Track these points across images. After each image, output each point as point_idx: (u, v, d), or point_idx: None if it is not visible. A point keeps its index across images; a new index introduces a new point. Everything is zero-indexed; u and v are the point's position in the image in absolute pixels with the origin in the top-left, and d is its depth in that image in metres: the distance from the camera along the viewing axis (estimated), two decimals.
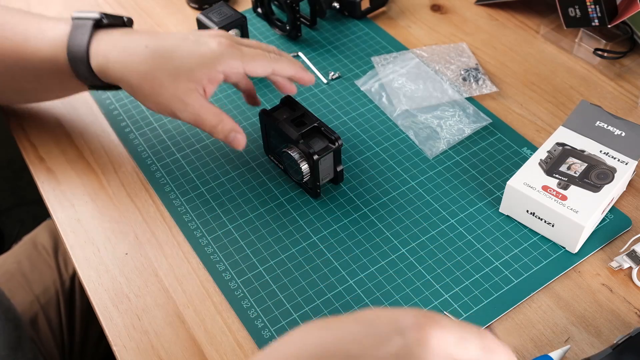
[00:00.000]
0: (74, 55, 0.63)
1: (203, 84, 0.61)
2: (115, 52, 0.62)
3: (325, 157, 0.64)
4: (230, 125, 0.62)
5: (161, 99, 0.61)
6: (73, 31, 0.63)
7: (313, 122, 0.65)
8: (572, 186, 0.62)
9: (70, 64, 0.64)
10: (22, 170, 0.95)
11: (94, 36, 0.63)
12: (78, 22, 0.63)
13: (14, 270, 0.86)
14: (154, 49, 0.62)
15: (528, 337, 0.57)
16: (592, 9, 0.78)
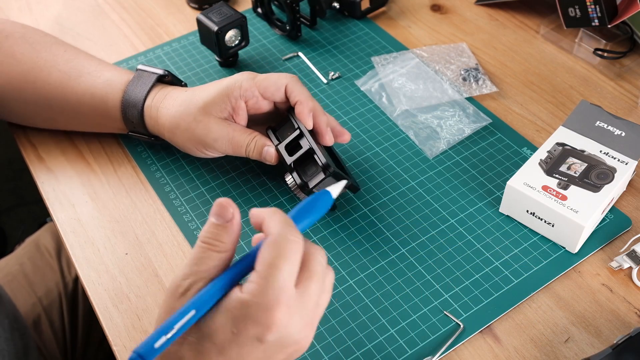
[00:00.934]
0: (130, 99, 0.67)
1: (228, 112, 0.64)
2: (164, 102, 0.66)
3: (321, 184, 0.62)
4: (262, 140, 0.64)
5: (195, 135, 0.64)
6: (136, 78, 0.68)
7: (306, 146, 0.62)
8: (572, 186, 0.62)
9: (122, 107, 0.67)
10: (22, 170, 0.95)
11: (154, 87, 0.68)
12: (143, 73, 0.68)
13: (17, 272, 0.86)
14: (187, 94, 0.66)
15: (528, 337, 0.57)
16: (592, 9, 0.78)
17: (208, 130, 0.64)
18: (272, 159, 0.63)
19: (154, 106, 0.66)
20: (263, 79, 0.64)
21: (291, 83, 0.64)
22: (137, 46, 0.88)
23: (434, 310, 0.59)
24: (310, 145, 0.62)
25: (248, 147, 0.63)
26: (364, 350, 0.56)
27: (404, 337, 0.57)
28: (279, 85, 0.64)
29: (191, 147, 0.66)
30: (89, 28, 0.91)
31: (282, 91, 0.64)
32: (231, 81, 0.64)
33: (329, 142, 0.64)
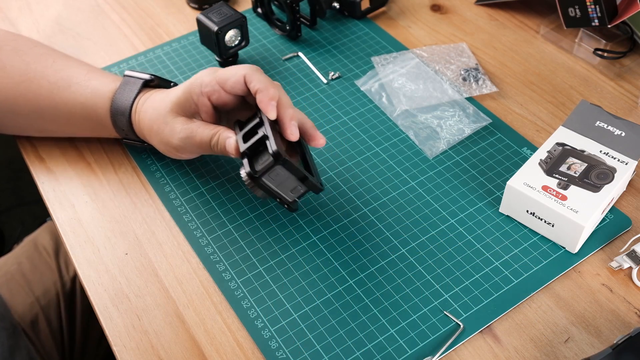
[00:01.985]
0: (118, 107, 0.67)
1: (193, 109, 0.63)
2: (144, 107, 0.66)
3: (275, 174, 0.57)
4: (225, 133, 0.61)
5: (164, 138, 0.64)
6: (123, 86, 0.67)
7: (261, 133, 0.58)
8: (572, 186, 0.62)
9: (112, 116, 0.67)
10: (22, 170, 0.95)
11: (140, 93, 0.67)
12: (129, 79, 0.68)
13: (15, 272, 0.86)
14: (162, 96, 0.65)
15: (528, 337, 0.57)
16: (592, 9, 0.78)
17: (174, 132, 0.63)
18: (232, 150, 0.60)
19: (138, 112, 0.66)
20: (222, 72, 0.62)
21: (249, 73, 0.61)
22: (137, 46, 0.88)
23: (434, 310, 0.59)
24: (265, 133, 0.58)
25: (212, 142, 0.62)
26: (364, 350, 0.56)
27: (404, 337, 0.57)
28: (238, 77, 0.61)
29: (165, 150, 0.66)
30: (89, 28, 0.91)
31: (242, 82, 0.61)
32: (193, 79, 0.63)
33: (291, 137, 0.60)
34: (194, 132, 0.62)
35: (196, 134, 0.62)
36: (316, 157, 0.72)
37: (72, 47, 0.88)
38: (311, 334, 0.57)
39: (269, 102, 0.59)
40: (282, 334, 0.57)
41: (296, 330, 0.58)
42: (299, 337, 0.57)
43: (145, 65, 0.84)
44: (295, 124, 0.60)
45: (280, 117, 0.60)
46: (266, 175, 0.57)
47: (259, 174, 0.57)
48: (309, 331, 0.58)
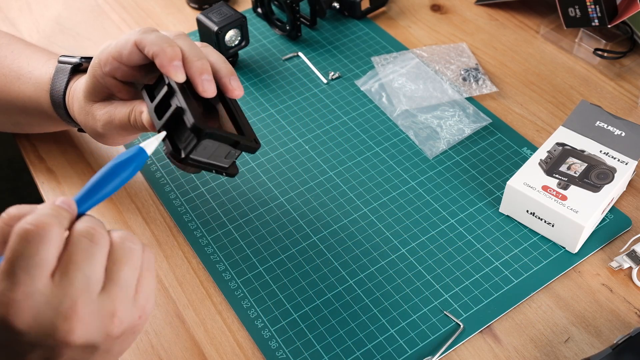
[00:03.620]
0: (54, 99, 0.62)
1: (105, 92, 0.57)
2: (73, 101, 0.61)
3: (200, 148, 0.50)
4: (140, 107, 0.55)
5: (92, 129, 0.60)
6: (55, 75, 0.62)
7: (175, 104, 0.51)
8: (572, 186, 0.62)
9: (54, 108, 0.64)
10: (22, 170, 0.95)
11: (72, 81, 0.62)
12: (60, 67, 0.62)
13: None
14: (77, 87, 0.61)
15: (528, 337, 0.57)
16: (592, 9, 0.78)
17: (95, 119, 0.58)
18: (147, 126, 0.54)
19: (70, 107, 0.62)
20: (114, 45, 0.54)
21: (139, 38, 0.52)
22: None
23: (434, 310, 0.59)
24: (178, 104, 0.50)
25: (131, 121, 0.55)
26: (364, 350, 0.56)
27: (404, 337, 0.57)
28: (130, 47, 0.53)
29: (100, 141, 0.61)
30: (89, 28, 0.91)
31: (136, 51, 0.53)
32: (93, 61, 0.56)
33: (205, 94, 0.52)
34: (112, 115, 0.56)
35: (115, 117, 0.56)
36: (316, 156, 0.72)
37: (72, 47, 0.88)
38: (311, 334, 0.57)
39: (170, 64, 0.51)
40: (282, 334, 0.57)
41: (296, 330, 0.58)
42: (299, 337, 0.57)
43: None
44: (209, 78, 0.52)
45: (189, 75, 0.51)
46: (193, 153, 0.50)
47: (185, 154, 0.50)
48: (309, 331, 0.58)
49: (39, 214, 0.39)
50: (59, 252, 0.38)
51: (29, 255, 0.37)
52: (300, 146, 0.73)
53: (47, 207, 0.40)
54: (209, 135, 0.49)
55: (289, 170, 0.71)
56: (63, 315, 0.37)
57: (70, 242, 0.39)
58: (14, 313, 0.36)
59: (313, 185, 0.69)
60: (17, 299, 0.36)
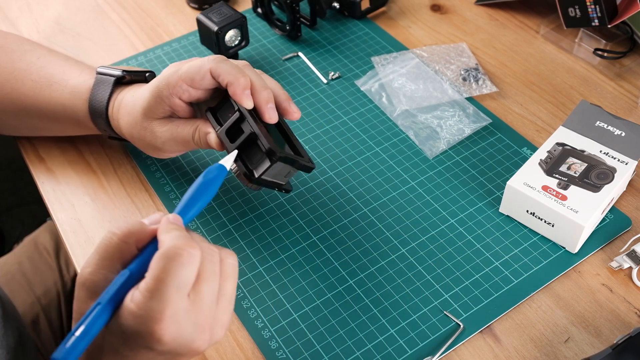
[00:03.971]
0: (94, 109, 0.65)
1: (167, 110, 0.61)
2: (120, 113, 0.64)
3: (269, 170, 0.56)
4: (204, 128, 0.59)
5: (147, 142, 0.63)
6: (96, 86, 0.65)
7: (248, 130, 0.57)
8: (572, 186, 0.62)
9: (91, 117, 0.66)
10: (22, 170, 0.95)
11: (114, 93, 0.65)
12: (101, 78, 0.65)
13: (15, 271, 0.85)
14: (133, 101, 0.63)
15: (528, 337, 0.57)
16: (592, 9, 0.78)
17: (154, 136, 0.62)
18: (214, 145, 0.58)
19: (114, 117, 0.65)
20: (186, 70, 0.59)
21: (214, 66, 0.58)
22: (137, 46, 0.88)
23: (434, 310, 0.59)
24: (252, 130, 0.56)
25: (194, 139, 0.60)
26: (364, 350, 0.56)
27: (404, 337, 0.57)
28: (203, 73, 0.58)
29: (153, 153, 0.65)
30: (89, 28, 0.91)
31: (209, 77, 0.58)
32: (159, 81, 0.60)
33: (270, 121, 0.58)
34: (174, 133, 0.61)
35: (177, 134, 0.60)
36: (316, 157, 0.72)
37: (72, 47, 0.88)
38: (311, 334, 0.57)
39: (242, 93, 0.57)
40: (282, 334, 0.57)
41: (296, 330, 0.58)
42: (299, 337, 0.57)
43: (146, 65, 0.84)
44: (273, 107, 0.58)
45: (257, 103, 0.58)
46: (264, 174, 0.56)
47: (257, 175, 0.56)
48: (309, 331, 0.58)
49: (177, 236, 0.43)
50: (198, 271, 0.43)
51: (178, 277, 0.41)
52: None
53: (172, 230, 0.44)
54: (281, 158, 0.55)
55: None
56: (200, 329, 0.42)
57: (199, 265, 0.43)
58: (164, 328, 0.40)
59: (313, 185, 0.69)
60: (167, 315, 0.40)
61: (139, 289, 0.41)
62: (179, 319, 0.41)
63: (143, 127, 0.62)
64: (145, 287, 0.41)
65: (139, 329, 0.41)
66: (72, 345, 0.40)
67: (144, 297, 0.41)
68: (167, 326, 0.41)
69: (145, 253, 0.44)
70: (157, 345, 0.41)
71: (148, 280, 0.41)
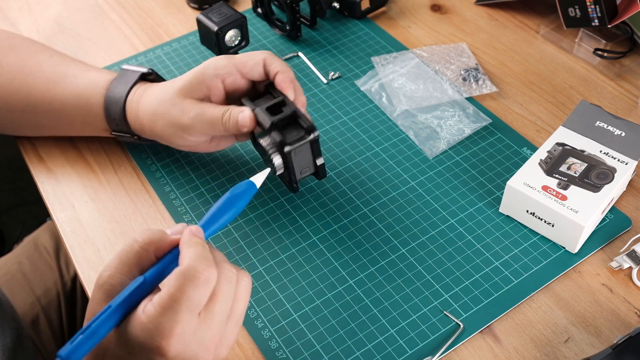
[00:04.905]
0: (112, 96, 0.66)
1: (204, 92, 0.63)
2: (144, 96, 0.66)
3: (300, 149, 0.59)
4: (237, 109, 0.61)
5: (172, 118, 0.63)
6: (119, 77, 0.67)
7: (290, 110, 0.60)
8: (572, 186, 0.62)
9: (105, 105, 0.67)
10: (22, 170, 0.95)
11: (137, 85, 0.67)
12: (127, 72, 0.68)
13: (15, 271, 0.86)
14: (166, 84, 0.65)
15: (528, 337, 0.57)
16: (592, 9, 0.78)
17: (183, 111, 0.62)
18: (246, 122, 0.60)
19: (135, 101, 0.66)
20: (239, 56, 0.63)
21: (269, 57, 0.62)
22: (137, 46, 0.88)
23: (434, 310, 0.59)
24: (294, 109, 0.60)
25: (224, 119, 0.61)
26: (364, 350, 0.56)
27: (404, 337, 0.57)
28: (257, 60, 0.62)
29: (171, 133, 0.64)
30: (89, 28, 0.91)
31: (261, 65, 0.62)
32: (205, 63, 0.63)
33: None
34: (204, 110, 0.61)
35: (207, 112, 0.61)
36: None
37: (72, 47, 0.88)
38: (311, 334, 0.57)
39: (290, 84, 0.61)
40: (282, 334, 0.57)
41: (296, 330, 0.58)
42: (299, 337, 0.57)
43: (145, 65, 0.84)
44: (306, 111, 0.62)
45: (296, 102, 0.61)
46: (295, 150, 0.58)
47: (290, 143, 0.58)
48: (309, 331, 0.58)
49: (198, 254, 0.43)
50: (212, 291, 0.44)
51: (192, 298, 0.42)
52: None
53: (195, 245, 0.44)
54: (317, 137, 0.59)
55: None
56: (205, 348, 0.43)
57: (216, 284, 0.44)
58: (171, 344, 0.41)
59: (313, 185, 0.69)
60: (176, 333, 0.41)
61: (152, 302, 0.42)
62: (186, 338, 0.42)
63: (173, 102, 0.63)
64: (159, 302, 0.42)
65: (146, 341, 0.41)
66: (79, 344, 0.41)
67: (156, 311, 0.42)
68: (173, 343, 0.41)
69: (163, 262, 0.45)
70: (161, 359, 0.42)
71: (163, 296, 0.42)
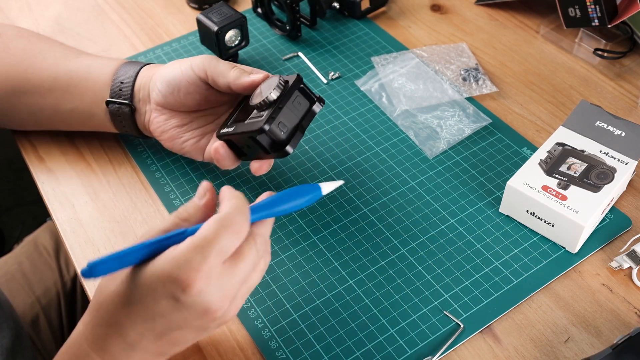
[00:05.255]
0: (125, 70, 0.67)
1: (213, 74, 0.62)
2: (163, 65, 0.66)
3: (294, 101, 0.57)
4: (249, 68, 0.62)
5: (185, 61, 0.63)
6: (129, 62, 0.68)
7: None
8: (572, 186, 0.62)
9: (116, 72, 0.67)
10: (22, 170, 0.95)
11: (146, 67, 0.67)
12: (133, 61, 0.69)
13: (15, 271, 0.86)
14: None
15: (528, 337, 0.57)
16: (592, 9, 0.78)
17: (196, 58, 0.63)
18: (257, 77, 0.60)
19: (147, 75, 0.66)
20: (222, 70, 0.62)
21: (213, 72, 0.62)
22: (137, 46, 0.88)
23: (434, 310, 0.59)
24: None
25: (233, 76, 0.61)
26: (364, 350, 0.56)
27: (404, 337, 0.57)
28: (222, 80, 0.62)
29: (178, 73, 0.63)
30: (89, 28, 0.91)
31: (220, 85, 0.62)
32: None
33: None
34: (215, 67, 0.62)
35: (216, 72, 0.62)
36: (316, 157, 0.72)
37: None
38: (311, 334, 0.57)
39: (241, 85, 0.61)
40: (282, 334, 0.57)
41: (296, 330, 0.58)
42: (299, 337, 0.57)
43: None
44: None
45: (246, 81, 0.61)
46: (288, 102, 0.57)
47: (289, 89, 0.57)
48: (309, 331, 0.58)
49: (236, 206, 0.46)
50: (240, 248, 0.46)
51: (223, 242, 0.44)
52: (300, 146, 0.73)
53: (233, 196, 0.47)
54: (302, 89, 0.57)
55: (289, 171, 0.71)
56: (222, 296, 0.45)
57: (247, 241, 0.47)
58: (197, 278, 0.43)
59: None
60: (204, 269, 0.43)
61: (186, 240, 0.45)
62: (211, 279, 0.44)
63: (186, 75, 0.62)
64: (192, 240, 0.44)
65: (173, 272, 0.43)
66: (106, 259, 0.43)
67: (189, 247, 0.44)
68: (199, 278, 0.43)
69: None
70: (183, 294, 0.43)
71: (198, 236, 0.44)
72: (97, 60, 0.69)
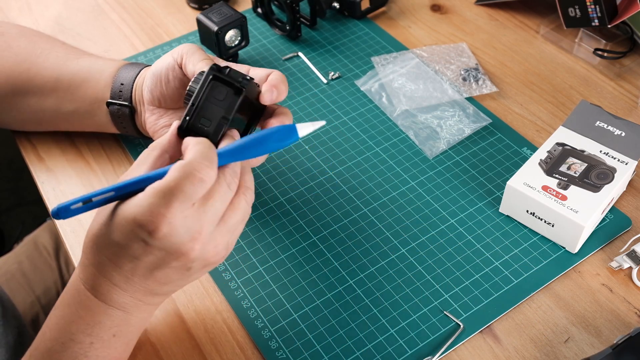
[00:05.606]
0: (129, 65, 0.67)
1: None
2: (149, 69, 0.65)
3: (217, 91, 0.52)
4: None
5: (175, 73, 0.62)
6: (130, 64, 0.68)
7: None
8: (572, 186, 0.62)
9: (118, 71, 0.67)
10: (22, 170, 0.95)
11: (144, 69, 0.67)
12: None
13: (15, 271, 0.86)
14: None
15: (528, 337, 0.57)
16: (592, 9, 0.78)
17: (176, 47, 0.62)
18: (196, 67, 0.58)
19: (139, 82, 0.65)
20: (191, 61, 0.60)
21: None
22: (137, 46, 0.88)
23: (434, 310, 0.59)
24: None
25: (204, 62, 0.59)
26: (364, 350, 0.56)
27: (404, 337, 0.57)
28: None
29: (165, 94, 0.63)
30: (89, 28, 0.91)
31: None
32: None
33: None
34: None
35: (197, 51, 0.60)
36: (316, 157, 0.72)
37: None
38: (311, 334, 0.57)
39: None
40: (282, 334, 0.57)
41: (296, 330, 0.58)
42: (299, 337, 0.57)
43: None
44: None
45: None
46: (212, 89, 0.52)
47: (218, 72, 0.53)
48: (309, 331, 0.58)
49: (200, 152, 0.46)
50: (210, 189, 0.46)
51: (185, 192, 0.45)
52: (300, 146, 0.73)
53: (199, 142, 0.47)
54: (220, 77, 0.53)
55: (289, 170, 0.71)
56: (191, 237, 0.45)
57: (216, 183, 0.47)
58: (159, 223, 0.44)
59: (313, 185, 0.69)
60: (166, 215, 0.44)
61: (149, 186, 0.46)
62: (175, 222, 0.45)
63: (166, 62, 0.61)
64: (154, 187, 0.45)
65: (139, 217, 0.44)
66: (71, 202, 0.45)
67: (150, 193, 0.45)
68: (164, 223, 0.44)
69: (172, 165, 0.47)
70: (150, 237, 0.44)
71: (160, 183, 0.45)
72: (99, 61, 0.69)
